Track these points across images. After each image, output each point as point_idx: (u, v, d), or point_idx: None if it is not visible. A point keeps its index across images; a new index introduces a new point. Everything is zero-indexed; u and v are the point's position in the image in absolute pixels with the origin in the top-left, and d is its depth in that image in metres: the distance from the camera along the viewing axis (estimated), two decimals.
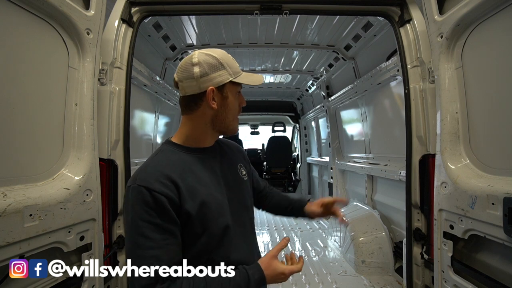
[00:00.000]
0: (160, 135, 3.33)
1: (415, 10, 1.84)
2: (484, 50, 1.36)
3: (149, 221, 0.76)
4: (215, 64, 0.86)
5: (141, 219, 0.76)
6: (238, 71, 0.91)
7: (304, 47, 3.20)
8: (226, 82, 0.88)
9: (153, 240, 0.75)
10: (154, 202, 0.76)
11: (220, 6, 1.96)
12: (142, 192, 0.77)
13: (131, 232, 0.77)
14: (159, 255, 0.75)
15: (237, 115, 0.95)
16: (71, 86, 1.41)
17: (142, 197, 0.77)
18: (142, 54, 2.57)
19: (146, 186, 0.77)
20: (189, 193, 0.82)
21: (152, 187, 0.77)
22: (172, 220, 0.79)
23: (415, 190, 1.81)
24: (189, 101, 0.89)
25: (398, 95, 2.57)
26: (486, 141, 1.37)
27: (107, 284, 1.66)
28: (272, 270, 0.85)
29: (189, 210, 0.81)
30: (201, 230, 0.84)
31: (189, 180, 0.84)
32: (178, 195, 0.80)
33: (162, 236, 0.77)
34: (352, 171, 3.76)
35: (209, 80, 0.86)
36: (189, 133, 0.93)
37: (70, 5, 1.34)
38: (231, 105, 0.91)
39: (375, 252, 2.68)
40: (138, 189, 0.77)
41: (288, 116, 6.53)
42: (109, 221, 1.69)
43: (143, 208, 0.76)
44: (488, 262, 1.35)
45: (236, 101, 0.93)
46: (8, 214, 1.04)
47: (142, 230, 0.75)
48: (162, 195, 0.77)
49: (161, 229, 0.77)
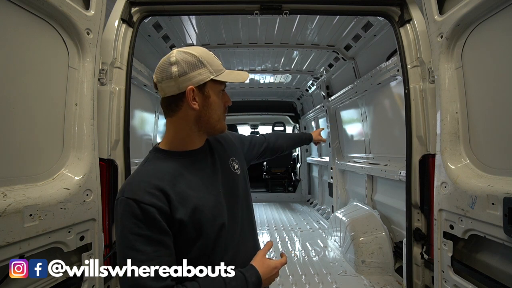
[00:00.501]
0: (160, 135, 3.33)
1: (415, 10, 1.84)
2: (484, 50, 1.36)
3: (139, 234, 0.74)
4: (194, 62, 0.82)
5: (130, 232, 0.74)
6: (219, 68, 0.86)
7: (304, 47, 3.20)
8: (207, 81, 0.83)
9: (144, 253, 0.74)
10: (143, 214, 0.75)
11: (220, 6, 1.96)
12: (130, 204, 0.75)
13: (121, 246, 0.76)
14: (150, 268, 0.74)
15: (222, 115, 0.91)
16: (71, 86, 1.41)
17: (131, 209, 0.75)
18: (142, 54, 2.57)
19: (133, 198, 0.75)
20: (180, 200, 0.81)
21: (140, 199, 0.75)
22: (162, 231, 0.77)
23: (415, 190, 1.81)
24: (170, 103, 0.85)
25: (398, 95, 2.57)
26: (486, 141, 1.37)
27: (107, 284, 1.66)
28: (265, 268, 0.88)
29: (181, 217, 0.79)
30: (196, 235, 0.83)
31: (179, 186, 0.82)
32: (168, 205, 0.78)
33: (153, 248, 0.75)
34: (352, 171, 3.76)
35: (188, 79, 0.81)
36: (174, 137, 0.89)
37: (70, 5, 1.34)
38: (214, 105, 0.86)
39: (375, 252, 2.68)
40: (126, 201, 0.76)
41: (288, 116, 6.52)
42: (109, 221, 1.69)
43: (132, 221, 0.74)
44: (488, 262, 1.35)
45: (219, 100, 0.88)
46: (8, 214, 1.04)
47: (132, 243, 0.74)
48: (151, 206, 0.75)
49: (151, 241, 0.75)
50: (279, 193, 6.35)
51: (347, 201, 4.03)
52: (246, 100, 5.92)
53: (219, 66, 0.87)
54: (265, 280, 0.87)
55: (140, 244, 0.74)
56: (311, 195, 6.09)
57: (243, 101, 5.89)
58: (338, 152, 4.20)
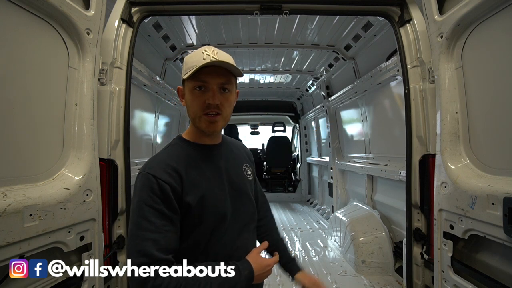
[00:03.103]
0: (160, 135, 3.33)
1: (415, 10, 1.84)
2: (484, 50, 1.36)
3: (152, 206, 0.81)
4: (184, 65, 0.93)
5: (145, 203, 0.81)
6: (191, 66, 0.87)
7: (304, 47, 3.20)
8: (184, 80, 0.92)
9: (154, 224, 0.80)
10: (159, 189, 0.82)
11: (220, 6, 1.96)
12: (150, 179, 0.83)
13: (135, 214, 0.82)
14: (157, 238, 0.79)
15: (199, 113, 0.89)
16: (71, 86, 1.41)
17: (149, 183, 0.83)
18: (142, 54, 2.57)
19: (153, 174, 0.84)
20: (191, 186, 0.88)
21: (159, 175, 0.84)
22: (173, 209, 0.84)
23: (415, 190, 1.81)
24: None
25: (398, 95, 2.57)
26: (486, 141, 1.37)
27: (107, 284, 1.66)
28: (259, 264, 0.92)
29: (189, 201, 0.86)
30: (198, 221, 0.88)
31: (192, 173, 0.90)
32: (181, 186, 0.86)
33: (162, 222, 0.81)
34: (352, 171, 3.76)
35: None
36: (190, 130, 0.99)
37: (70, 5, 1.34)
38: (188, 102, 0.92)
39: (375, 252, 2.68)
40: (147, 176, 0.84)
41: (288, 116, 6.53)
42: (109, 221, 1.69)
43: (149, 194, 0.82)
44: (488, 262, 1.35)
45: (194, 97, 0.89)
46: (8, 214, 1.04)
47: (145, 214, 0.81)
48: (167, 184, 0.83)
49: (162, 215, 0.82)
50: (279, 193, 6.36)
51: (347, 201, 4.03)
52: (246, 100, 5.92)
53: (193, 63, 0.87)
54: (257, 275, 0.90)
55: (151, 216, 0.80)
56: (311, 195, 6.09)
57: (243, 101, 5.90)
58: (338, 152, 4.20)
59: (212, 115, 0.89)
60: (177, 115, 3.85)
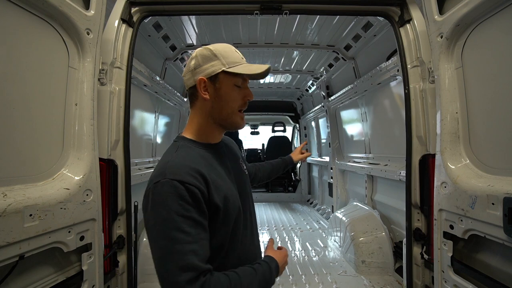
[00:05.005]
0: (160, 135, 3.33)
1: (415, 10, 1.84)
2: (484, 50, 1.36)
3: (184, 215, 0.73)
4: (208, 55, 0.87)
5: (177, 214, 0.72)
6: (235, 61, 0.87)
7: (304, 47, 3.20)
8: (219, 72, 0.86)
9: (190, 235, 0.73)
10: (189, 194, 0.75)
11: (220, 6, 1.96)
12: (176, 185, 0.74)
13: (165, 228, 0.73)
14: (196, 249, 0.72)
15: (236, 108, 0.90)
16: (71, 86, 1.41)
17: (176, 191, 0.74)
18: (142, 54, 2.57)
19: (179, 180, 0.75)
20: (215, 187, 0.82)
21: (186, 180, 0.75)
22: (204, 214, 0.78)
23: (415, 190, 1.81)
24: (190, 94, 0.92)
25: (398, 95, 2.57)
26: (486, 141, 1.37)
27: (107, 284, 1.65)
28: (278, 255, 0.96)
29: (217, 203, 0.81)
30: (221, 223, 0.84)
31: (212, 175, 0.84)
32: (207, 188, 0.79)
33: (197, 230, 0.74)
34: (352, 171, 3.76)
35: (201, 71, 0.87)
36: (197, 128, 0.93)
37: (70, 5, 1.34)
38: (226, 97, 0.88)
39: (375, 252, 2.68)
40: (171, 183, 0.74)
41: (288, 116, 6.52)
42: (109, 221, 1.69)
43: (178, 202, 0.73)
44: (488, 262, 1.35)
45: (233, 92, 0.89)
46: (8, 214, 1.04)
47: (179, 225, 0.72)
48: (196, 188, 0.76)
49: (195, 223, 0.75)
50: (279, 193, 6.35)
51: (347, 201, 4.03)
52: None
53: (236, 59, 0.88)
54: (281, 267, 0.95)
55: (186, 226, 0.73)
56: (311, 195, 6.09)
57: None
58: (338, 152, 4.20)
59: (243, 111, 0.93)
60: (177, 115, 3.85)
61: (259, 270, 0.85)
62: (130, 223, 1.83)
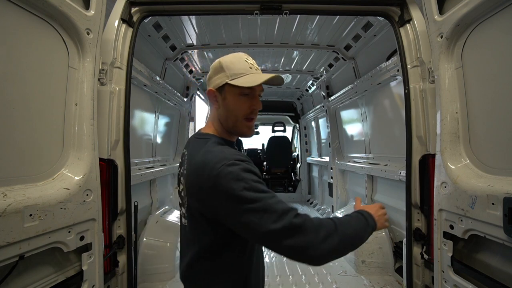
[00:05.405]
0: (160, 135, 3.33)
1: (415, 10, 1.84)
2: (484, 50, 1.36)
3: (258, 181, 0.79)
4: (217, 68, 0.94)
5: (253, 181, 0.78)
6: (239, 72, 0.91)
7: (304, 47, 3.20)
8: (224, 84, 0.91)
9: (271, 192, 0.79)
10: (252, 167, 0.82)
11: (220, 6, 1.96)
12: (239, 164, 0.79)
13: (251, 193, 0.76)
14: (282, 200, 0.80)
15: (241, 117, 0.94)
16: (71, 86, 1.41)
17: (242, 166, 0.79)
18: (142, 54, 2.57)
19: (237, 159, 0.80)
20: None
21: (242, 158, 0.82)
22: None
23: (415, 190, 1.81)
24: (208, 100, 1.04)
25: (398, 95, 2.57)
26: (486, 141, 1.37)
27: (107, 284, 1.65)
28: (371, 209, 0.97)
29: None
30: None
31: None
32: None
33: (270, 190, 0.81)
34: (352, 171, 3.76)
35: (212, 82, 0.95)
36: (217, 127, 0.99)
37: (70, 5, 1.34)
38: (230, 106, 0.93)
39: (375, 252, 2.68)
40: (234, 162, 0.79)
41: (288, 116, 6.52)
42: (109, 221, 1.69)
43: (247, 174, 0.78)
44: (488, 262, 1.35)
45: (237, 102, 0.92)
46: (8, 214, 1.04)
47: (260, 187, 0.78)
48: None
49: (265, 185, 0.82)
50: (279, 193, 6.34)
51: (347, 201, 4.03)
52: None
53: (241, 70, 0.91)
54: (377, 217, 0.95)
55: (264, 187, 0.79)
56: (311, 195, 6.09)
57: None
58: (338, 152, 4.20)
59: (251, 120, 0.96)
60: (177, 115, 3.85)
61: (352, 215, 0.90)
62: (130, 223, 1.83)
